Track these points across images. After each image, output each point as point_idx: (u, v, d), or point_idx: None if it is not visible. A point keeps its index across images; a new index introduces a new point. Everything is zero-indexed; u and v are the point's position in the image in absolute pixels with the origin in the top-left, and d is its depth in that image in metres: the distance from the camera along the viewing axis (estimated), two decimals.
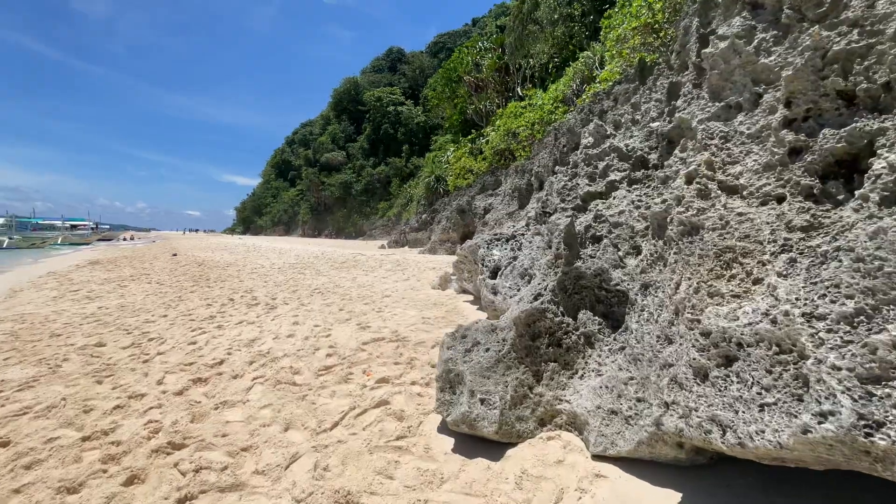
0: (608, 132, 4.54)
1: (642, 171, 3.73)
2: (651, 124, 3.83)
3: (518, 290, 4.63)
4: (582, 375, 2.70)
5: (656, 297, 2.45)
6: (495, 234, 6.63)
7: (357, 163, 70.52)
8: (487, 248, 6.26)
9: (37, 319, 5.36)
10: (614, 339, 2.75)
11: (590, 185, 4.23)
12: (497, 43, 25.05)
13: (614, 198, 3.77)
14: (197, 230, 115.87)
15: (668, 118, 3.19)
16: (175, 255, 16.28)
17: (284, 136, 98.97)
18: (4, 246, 29.92)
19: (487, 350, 2.64)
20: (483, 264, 6.06)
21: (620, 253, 3.16)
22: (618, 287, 2.89)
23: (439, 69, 41.62)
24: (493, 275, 5.76)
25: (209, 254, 17.11)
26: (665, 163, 2.91)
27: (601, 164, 4.12)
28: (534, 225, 6.41)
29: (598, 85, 11.77)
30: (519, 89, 21.78)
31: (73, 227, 53.51)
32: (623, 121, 4.36)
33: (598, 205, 3.79)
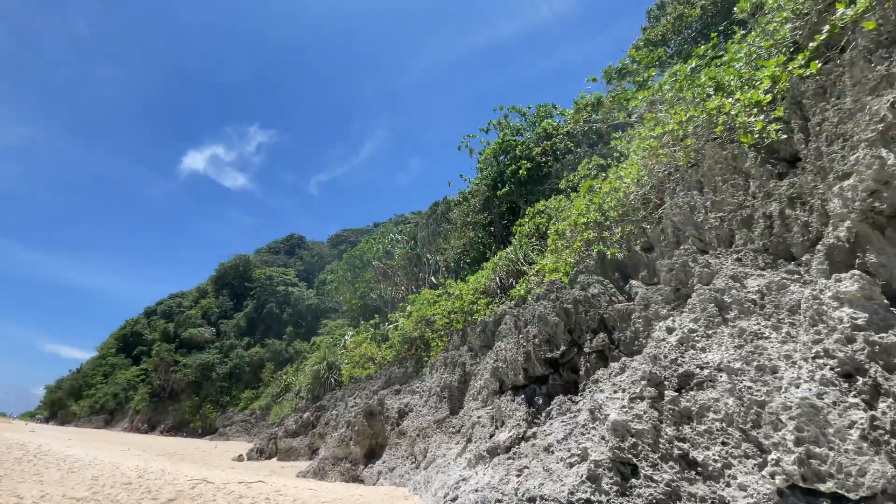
0: None
1: None
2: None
3: None
4: None
5: None
6: None
7: (227, 342, 61.56)
8: None
9: None
10: None
11: None
12: (409, 235, 25.74)
13: None
14: None
15: None
16: None
17: (145, 306, 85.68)
18: None
19: None
20: None
21: None
22: None
23: (343, 255, 41.69)
24: None
25: None
26: None
27: None
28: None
29: (533, 278, 11.00)
30: (433, 278, 21.24)
31: None
32: None
33: None
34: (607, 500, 2.97)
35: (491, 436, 6.59)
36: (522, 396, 6.09)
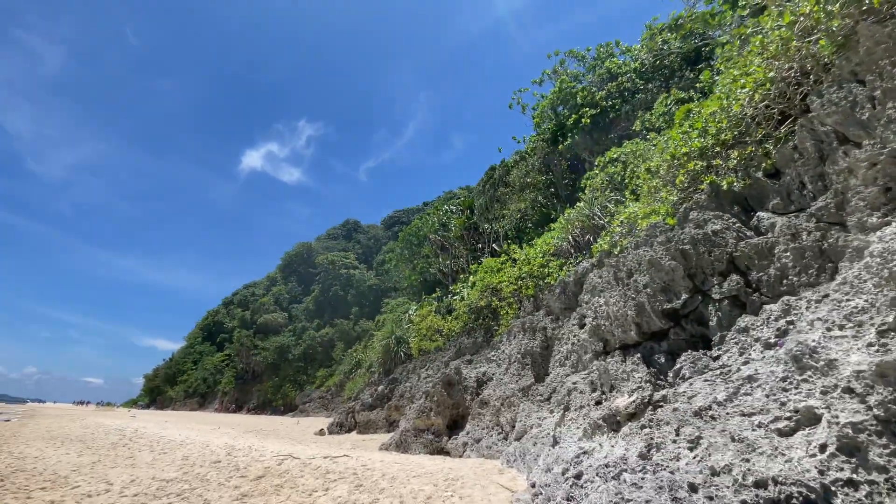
0: None
1: None
2: None
3: None
4: None
5: None
6: None
7: (299, 325, 64.95)
8: None
9: None
10: None
11: None
12: (465, 205, 24.82)
13: None
14: (87, 402, 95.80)
15: None
16: None
17: (223, 297, 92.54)
18: None
19: None
20: None
21: None
22: None
23: (399, 233, 41.74)
24: None
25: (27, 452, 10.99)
26: None
27: None
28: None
29: (617, 229, 9.75)
30: (494, 246, 20.30)
31: None
32: None
33: None
34: (887, 478, 2.00)
35: (597, 402, 5.69)
36: (637, 356, 5.10)
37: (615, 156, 14.78)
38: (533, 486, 4.39)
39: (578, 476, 3.77)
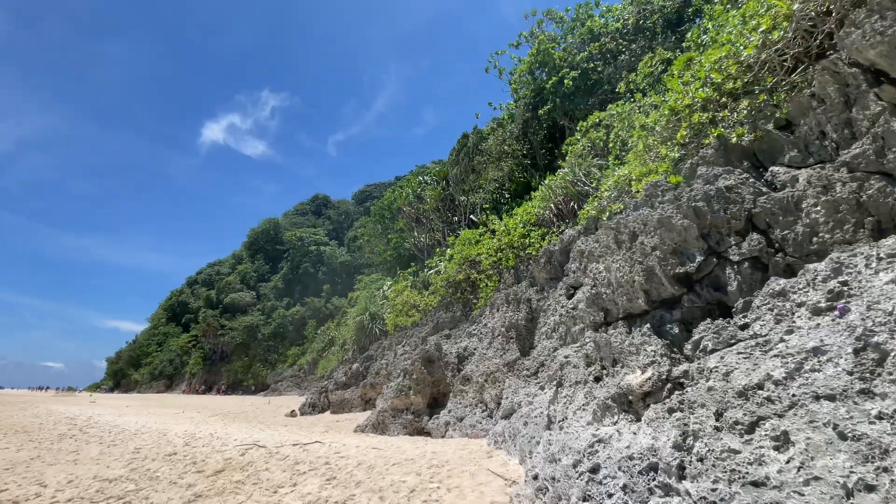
0: None
1: None
2: None
3: None
4: None
5: None
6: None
7: (268, 303, 63.05)
8: None
9: None
10: None
11: None
12: (440, 175, 23.83)
13: None
14: (47, 388, 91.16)
15: None
16: None
17: (187, 276, 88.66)
18: None
19: None
20: None
21: None
22: None
23: (371, 208, 40.36)
24: None
25: None
26: None
27: None
28: None
29: (605, 194, 9.19)
30: (472, 216, 19.58)
31: None
32: None
33: None
34: None
35: (596, 378, 5.15)
36: (647, 327, 4.53)
37: (597, 121, 14.15)
38: (535, 478, 3.79)
39: (595, 470, 3.17)
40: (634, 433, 3.25)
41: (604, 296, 5.25)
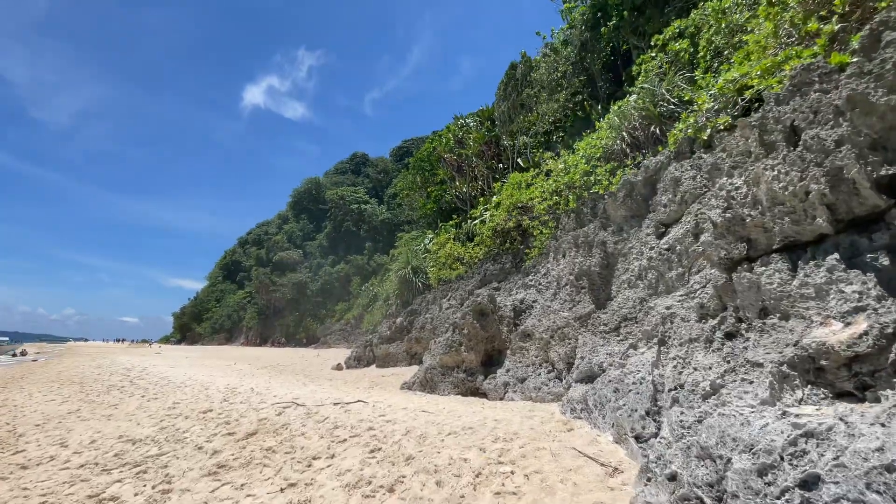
0: None
1: None
2: None
3: None
4: None
5: None
6: None
7: (314, 262, 64.62)
8: None
9: None
10: None
11: None
12: (484, 116, 21.81)
13: None
14: (123, 340, 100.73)
15: None
16: None
17: (238, 237, 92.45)
18: None
19: None
20: None
21: None
22: None
23: (409, 160, 38.93)
24: None
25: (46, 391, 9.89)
26: None
27: None
28: None
29: (707, 105, 7.30)
30: (519, 160, 17.74)
31: None
32: None
33: None
34: None
35: (729, 335, 3.71)
36: (833, 257, 2.98)
37: (676, 31, 11.70)
38: (672, 478, 2.52)
39: (809, 484, 1.82)
40: (883, 424, 1.84)
41: (747, 220, 3.68)
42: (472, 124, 22.24)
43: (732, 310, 3.82)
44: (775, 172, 3.49)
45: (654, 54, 12.03)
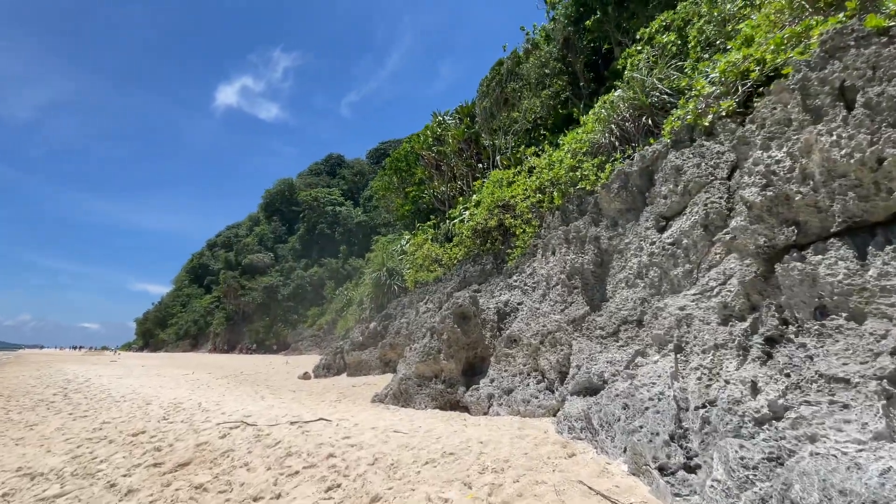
0: None
1: None
2: None
3: None
4: None
5: None
6: None
7: (286, 265, 62.45)
8: None
9: None
10: None
11: None
12: (464, 113, 21.12)
13: None
14: (81, 347, 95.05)
15: None
16: None
17: (207, 239, 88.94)
18: None
19: None
20: None
21: None
22: None
23: (386, 160, 37.94)
24: None
25: None
26: None
27: None
28: None
29: (706, 90, 6.73)
30: (499, 157, 17.10)
31: None
32: None
33: None
34: None
35: (770, 340, 3.01)
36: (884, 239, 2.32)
37: (663, 24, 11.30)
38: None
39: None
40: None
41: (795, 199, 3.00)
42: (451, 122, 21.55)
43: (772, 309, 3.13)
44: (833, 138, 2.82)
45: (640, 48, 11.60)
